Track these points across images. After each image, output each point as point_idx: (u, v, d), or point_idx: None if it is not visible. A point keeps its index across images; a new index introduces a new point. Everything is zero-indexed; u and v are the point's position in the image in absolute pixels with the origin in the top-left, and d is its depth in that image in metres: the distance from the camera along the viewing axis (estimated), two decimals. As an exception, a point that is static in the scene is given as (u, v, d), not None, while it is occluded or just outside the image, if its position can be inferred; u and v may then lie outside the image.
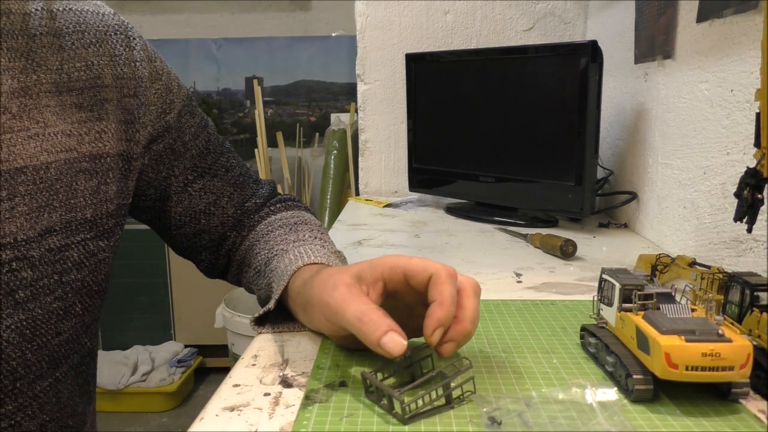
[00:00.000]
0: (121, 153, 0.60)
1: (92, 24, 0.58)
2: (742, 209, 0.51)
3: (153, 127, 0.63)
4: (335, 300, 0.49)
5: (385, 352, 0.45)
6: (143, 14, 2.93)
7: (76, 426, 0.60)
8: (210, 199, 0.70)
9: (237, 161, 0.74)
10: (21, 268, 0.51)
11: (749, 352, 0.42)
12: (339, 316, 0.48)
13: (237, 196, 0.72)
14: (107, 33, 0.59)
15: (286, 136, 2.65)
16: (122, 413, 2.49)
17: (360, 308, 0.47)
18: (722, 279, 0.54)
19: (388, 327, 0.45)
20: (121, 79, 0.59)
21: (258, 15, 2.92)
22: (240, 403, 0.46)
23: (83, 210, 0.56)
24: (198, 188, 0.69)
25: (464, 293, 0.49)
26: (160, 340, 2.73)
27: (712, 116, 0.84)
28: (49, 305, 0.54)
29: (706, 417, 0.43)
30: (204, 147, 0.70)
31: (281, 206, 0.75)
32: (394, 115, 1.58)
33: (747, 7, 0.74)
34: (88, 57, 0.57)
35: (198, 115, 0.70)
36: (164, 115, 0.64)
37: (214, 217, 0.70)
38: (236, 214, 0.72)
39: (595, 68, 1.05)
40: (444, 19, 1.53)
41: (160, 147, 0.65)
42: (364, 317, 0.46)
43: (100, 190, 0.57)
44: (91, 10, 0.59)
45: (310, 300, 0.54)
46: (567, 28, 1.51)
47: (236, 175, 0.73)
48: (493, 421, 0.42)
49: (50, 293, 0.54)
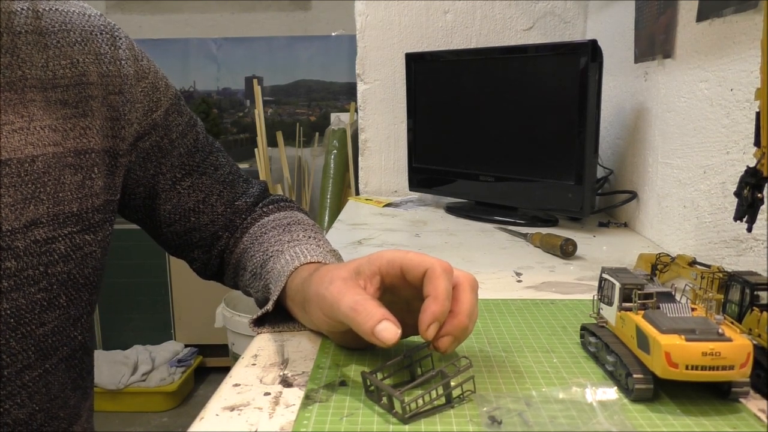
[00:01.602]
0: (107, 149, 0.61)
1: (77, 24, 0.59)
2: (742, 208, 0.51)
3: (139, 124, 0.64)
4: (331, 293, 0.49)
5: (379, 340, 0.45)
6: (143, 14, 2.93)
7: (68, 418, 0.61)
8: (199, 196, 0.70)
9: (227, 160, 0.74)
10: (5, 258, 0.52)
11: (749, 352, 0.42)
12: (334, 308, 0.48)
13: (227, 194, 0.72)
14: (92, 32, 0.60)
15: (286, 136, 2.65)
16: (122, 413, 2.49)
17: (354, 299, 0.47)
18: (722, 278, 0.54)
19: (381, 316, 0.45)
20: (107, 76, 0.60)
21: (258, 15, 2.92)
22: (240, 402, 0.46)
23: (70, 204, 0.57)
24: (186, 186, 0.69)
25: (460, 288, 0.49)
26: (160, 339, 2.73)
27: (712, 115, 0.84)
28: (33, 296, 0.55)
29: (707, 416, 0.43)
30: (192, 145, 0.70)
31: (274, 207, 0.75)
32: (394, 115, 1.58)
33: (747, 7, 0.74)
34: (73, 55, 0.58)
35: (186, 114, 0.70)
36: (151, 112, 0.65)
37: (203, 215, 0.70)
38: (226, 212, 0.72)
39: (595, 68, 1.05)
40: (444, 18, 1.53)
41: (147, 144, 0.65)
42: (358, 307, 0.46)
43: (86, 185, 0.59)
44: (77, 11, 0.60)
45: (308, 297, 0.54)
46: (567, 27, 1.51)
47: (226, 174, 0.73)
48: (494, 420, 0.42)
49: (34, 284, 0.55)
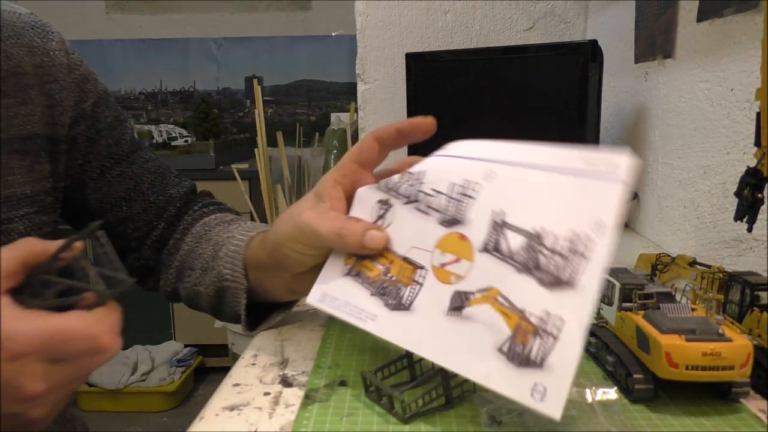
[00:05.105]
0: (49, 135, 0.64)
1: (8, 21, 0.63)
2: (743, 208, 0.51)
3: (71, 112, 0.66)
4: (307, 223, 0.51)
5: (371, 249, 0.49)
6: (143, 14, 2.93)
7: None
8: (129, 185, 0.70)
9: (156, 157, 0.74)
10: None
11: (749, 352, 0.42)
12: (315, 236, 0.51)
13: (158, 182, 0.72)
14: (23, 28, 0.64)
15: (286, 136, 2.64)
16: (122, 413, 2.49)
17: (332, 224, 0.50)
18: (722, 278, 0.54)
19: (364, 228, 0.49)
20: (41, 67, 0.64)
21: (258, 15, 2.92)
22: (240, 402, 0.46)
23: (22, 186, 0.61)
24: (116, 174, 0.70)
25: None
26: (160, 339, 2.72)
27: (713, 116, 0.84)
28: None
29: (707, 416, 0.43)
30: (120, 137, 0.71)
31: (214, 208, 0.74)
32: (394, 115, 1.58)
33: (747, 7, 0.74)
34: (6, 48, 0.61)
35: (115, 109, 0.71)
36: (81, 102, 0.67)
37: (135, 203, 0.70)
38: (159, 200, 0.71)
39: (595, 68, 1.05)
40: (444, 18, 1.53)
41: (74, 132, 0.67)
42: (342, 231, 0.50)
43: (35, 169, 0.62)
44: (7, 9, 0.64)
45: (278, 242, 0.55)
46: (567, 27, 1.51)
47: (156, 166, 0.73)
48: (494, 420, 0.42)
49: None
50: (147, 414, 2.50)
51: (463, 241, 0.46)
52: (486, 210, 0.46)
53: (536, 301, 0.40)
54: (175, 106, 3.14)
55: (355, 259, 0.52)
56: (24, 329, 0.41)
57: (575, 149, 0.43)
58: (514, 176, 0.46)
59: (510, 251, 0.43)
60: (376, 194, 0.53)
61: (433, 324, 0.45)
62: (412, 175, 0.51)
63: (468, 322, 0.43)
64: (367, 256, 0.51)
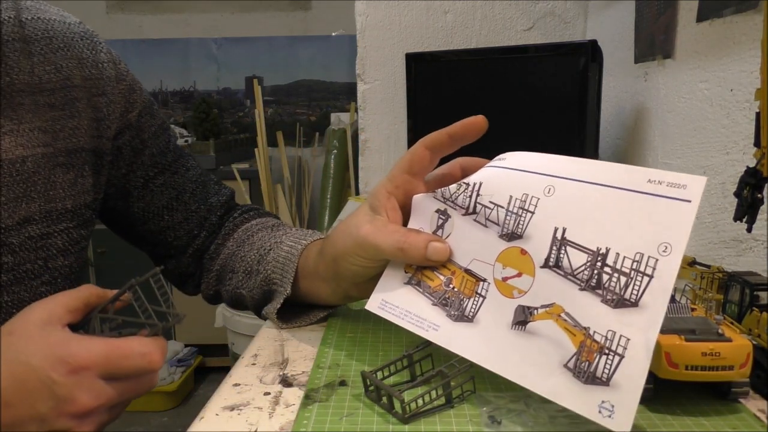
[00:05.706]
0: (94, 149, 0.63)
1: (59, 31, 0.62)
2: (742, 209, 0.51)
3: (117, 124, 0.66)
4: (364, 237, 0.51)
5: (434, 261, 0.50)
6: (143, 14, 2.93)
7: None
8: (172, 194, 0.71)
9: (197, 164, 0.75)
10: (2, 254, 0.55)
11: (749, 352, 0.42)
12: (377, 251, 0.51)
13: (199, 192, 0.73)
14: (73, 39, 0.63)
15: (286, 136, 2.65)
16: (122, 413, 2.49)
17: (393, 238, 0.50)
18: (722, 278, 0.54)
19: (426, 240, 0.49)
20: (89, 79, 0.63)
21: (258, 15, 2.92)
22: (240, 402, 0.46)
23: (63, 201, 0.60)
24: (159, 184, 0.70)
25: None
26: (160, 339, 2.73)
27: (712, 116, 0.84)
28: (37, 289, 0.58)
29: (706, 416, 0.43)
30: (164, 146, 0.71)
31: (254, 213, 0.75)
32: (394, 115, 1.58)
33: (747, 7, 0.75)
34: (57, 61, 0.61)
35: (159, 118, 0.71)
36: (127, 113, 0.67)
37: (177, 212, 0.71)
38: (200, 209, 0.72)
39: (595, 68, 1.05)
40: (444, 18, 1.53)
41: (119, 143, 0.67)
42: (404, 245, 0.50)
43: (78, 183, 0.62)
44: (57, 19, 0.63)
45: (338, 255, 0.55)
46: (567, 27, 1.51)
47: (197, 174, 0.73)
48: (493, 420, 0.42)
49: (36, 278, 0.58)
50: (147, 414, 2.50)
51: (523, 256, 0.46)
52: (546, 225, 0.46)
53: (600, 320, 0.41)
54: (176, 106, 3.14)
55: (416, 268, 0.52)
56: (87, 346, 0.44)
57: (639, 167, 0.43)
58: (575, 192, 0.45)
59: (571, 268, 0.43)
60: (434, 203, 0.53)
61: (497, 337, 0.45)
62: (469, 186, 0.51)
63: (532, 337, 0.43)
64: (427, 266, 0.51)
